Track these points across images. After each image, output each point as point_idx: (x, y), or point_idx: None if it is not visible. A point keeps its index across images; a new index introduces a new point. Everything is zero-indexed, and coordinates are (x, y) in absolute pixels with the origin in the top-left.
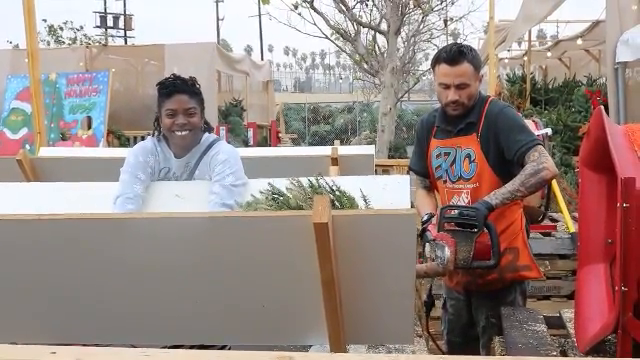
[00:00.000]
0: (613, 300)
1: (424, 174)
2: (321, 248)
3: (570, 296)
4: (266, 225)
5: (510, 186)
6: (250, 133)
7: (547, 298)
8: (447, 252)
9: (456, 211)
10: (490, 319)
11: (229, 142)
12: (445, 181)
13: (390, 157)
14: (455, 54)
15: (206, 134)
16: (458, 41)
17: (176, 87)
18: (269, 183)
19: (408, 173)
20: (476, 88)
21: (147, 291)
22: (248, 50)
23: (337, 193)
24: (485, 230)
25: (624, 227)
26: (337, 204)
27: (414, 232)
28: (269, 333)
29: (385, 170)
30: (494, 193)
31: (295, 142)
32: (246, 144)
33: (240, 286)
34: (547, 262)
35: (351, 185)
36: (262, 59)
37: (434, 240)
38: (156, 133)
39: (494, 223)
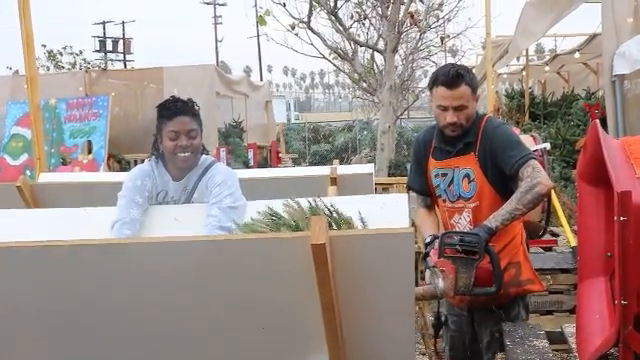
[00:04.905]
0: (614, 314)
1: (424, 192)
2: (319, 269)
3: (573, 310)
4: (263, 247)
5: (508, 206)
6: (250, 154)
7: (550, 313)
8: (441, 283)
9: (457, 237)
10: (494, 334)
11: (229, 164)
12: (445, 200)
13: (391, 175)
14: (453, 77)
15: (203, 156)
16: (457, 57)
17: (178, 109)
18: (267, 206)
19: (408, 192)
20: (473, 108)
21: (145, 315)
22: (247, 71)
23: (334, 215)
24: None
25: (622, 240)
26: (334, 226)
27: (412, 250)
28: (269, 356)
29: (385, 188)
30: (493, 216)
31: (296, 162)
32: (247, 165)
33: (239, 308)
34: (549, 277)
35: (349, 205)
36: (261, 80)
37: (434, 267)
38: (153, 157)
39: (495, 239)
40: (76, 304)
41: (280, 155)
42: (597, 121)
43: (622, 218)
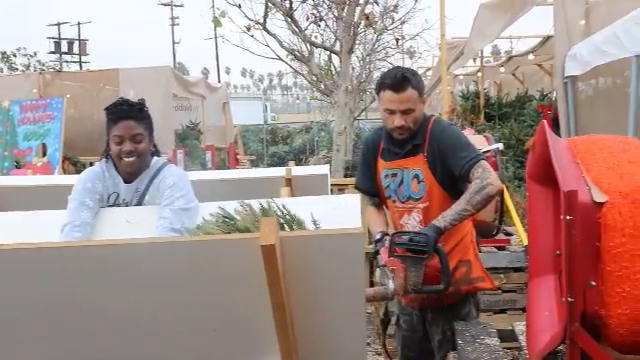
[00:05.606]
0: (562, 311)
1: (372, 193)
2: (269, 270)
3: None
4: (213, 249)
5: (456, 206)
6: (208, 156)
7: (503, 312)
8: (391, 285)
9: (406, 237)
10: (446, 332)
11: (187, 166)
12: (394, 201)
13: (348, 176)
14: (400, 81)
15: (155, 158)
16: (414, 59)
17: (122, 113)
18: (219, 207)
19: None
20: (421, 111)
21: (94, 320)
22: (205, 72)
23: (287, 216)
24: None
25: (568, 239)
26: (286, 227)
27: (362, 251)
28: (221, 357)
29: (341, 189)
30: (442, 216)
31: (254, 163)
32: (204, 167)
33: (190, 311)
34: (502, 276)
35: (302, 206)
36: (219, 81)
37: (384, 266)
38: (104, 159)
39: (446, 238)
40: (27, 310)
41: (238, 157)
42: (545, 121)
43: (568, 217)
